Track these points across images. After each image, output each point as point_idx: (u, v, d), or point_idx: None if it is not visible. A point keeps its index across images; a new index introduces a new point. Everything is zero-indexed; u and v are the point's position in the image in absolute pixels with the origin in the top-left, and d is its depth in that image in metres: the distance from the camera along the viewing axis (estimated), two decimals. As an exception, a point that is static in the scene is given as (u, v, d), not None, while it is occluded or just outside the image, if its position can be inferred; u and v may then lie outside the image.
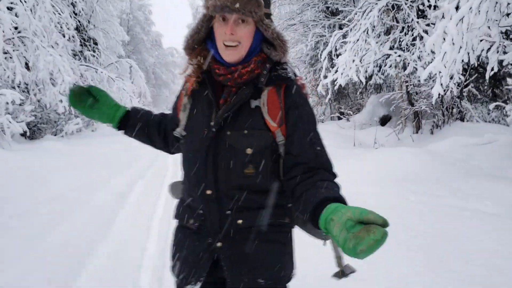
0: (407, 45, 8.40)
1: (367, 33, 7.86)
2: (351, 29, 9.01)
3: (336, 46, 9.49)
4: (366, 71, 8.03)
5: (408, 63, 8.09)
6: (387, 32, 9.01)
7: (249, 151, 1.25)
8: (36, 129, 12.31)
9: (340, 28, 14.75)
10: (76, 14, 15.77)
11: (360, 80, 8.01)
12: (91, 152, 8.93)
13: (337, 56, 11.67)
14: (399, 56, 7.82)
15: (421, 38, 7.83)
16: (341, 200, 1.09)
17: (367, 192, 4.90)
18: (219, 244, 1.31)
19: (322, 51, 14.07)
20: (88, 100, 1.47)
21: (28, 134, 11.93)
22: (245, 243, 1.30)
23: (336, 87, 8.79)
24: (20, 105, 10.67)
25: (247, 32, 1.24)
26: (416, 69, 8.12)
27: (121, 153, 9.35)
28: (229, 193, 1.29)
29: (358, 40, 7.94)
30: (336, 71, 9.08)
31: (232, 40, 1.23)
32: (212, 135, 1.28)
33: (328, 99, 9.88)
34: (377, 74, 11.24)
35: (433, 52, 5.93)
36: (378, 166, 6.21)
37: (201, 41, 1.34)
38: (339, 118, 15.25)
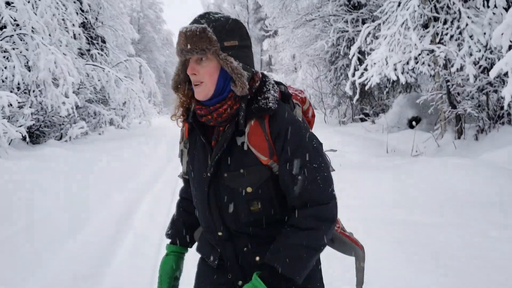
0: (452, 39, 7.34)
1: (406, 25, 6.84)
2: (383, 22, 8.00)
3: (366, 41, 8.46)
4: (404, 69, 6.99)
5: (454, 59, 7.03)
6: (425, 25, 7.95)
7: (249, 189, 1.25)
8: (39, 133, 11.51)
9: (363, 22, 13.70)
10: (82, 11, 14.97)
11: (398, 78, 6.99)
12: (94, 159, 8.04)
13: (363, 53, 10.67)
14: (443, 51, 6.76)
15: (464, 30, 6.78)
16: (265, 267, 1.18)
17: (425, 223, 3.90)
18: (240, 283, 1.31)
19: (344, 47, 13.05)
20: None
21: (29, 139, 11.16)
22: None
23: (367, 86, 7.78)
24: (20, 108, 9.88)
25: (209, 69, 1.24)
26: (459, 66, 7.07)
27: (127, 160, 8.46)
28: (240, 231, 1.29)
29: (395, 33, 6.91)
30: (365, 69, 8.08)
31: (195, 80, 1.26)
32: (210, 179, 1.28)
33: (355, 100, 8.86)
34: (408, 72, 10.16)
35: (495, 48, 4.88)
36: (428, 183, 5.20)
37: (183, 82, 1.35)
38: (362, 120, 14.19)
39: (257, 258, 1.28)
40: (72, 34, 11.56)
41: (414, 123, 11.55)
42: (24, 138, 10.14)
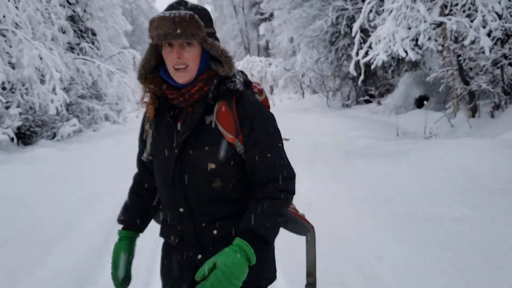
0: (462, 9, 6.76)
1: (414, -4, 6.27)
2: (387, -5, 7.41)
3: (369, 18, 7.89)
4: (415, 43, 6.44)
5: (465, 32, 6.46)
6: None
7: (212, 166, 1.33)
8: (30, 134, 11.04)
9: (363, 0, 13.07)
10: (70, 3, 14.36)
11: (406, 55, 6.44)
12: (87, 159, 7.57)
13: (365, 31, 10.09)
14: (454, 23, 6.19)
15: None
16: (248, 233, 1.26)
17: (453, 217, 3.42)
18: (199, 257, 1.38)
19: (344, 26, 12.45)
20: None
21: (20, 140, 10.69)
22: None
23: (373, 66, 7.25)
24: (6, 108, 9.39)
25: (193, 54, 1.31)
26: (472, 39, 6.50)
27: (122, 157, 7.95)
28: (200, 208, 1.37)
29: (401, 6, 6.35)
30: (370, 47, 7.53)
31: (180, 63, 1.30)
32: (176, 156, 1.35)
33: (360, 81, 8.33)
34: (413, 49, 9.58)
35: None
36: (447, 169, 4.70)
37: (152, 69, 1.40)
38: (367, 102, 13.64)
39: (215, 232, 1.37)
40: (59, 27, 10.99)
41: (425, 102, 10.98)
42: (12, 140, 9.69)
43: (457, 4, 6.66)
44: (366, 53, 7.73)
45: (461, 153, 5.08)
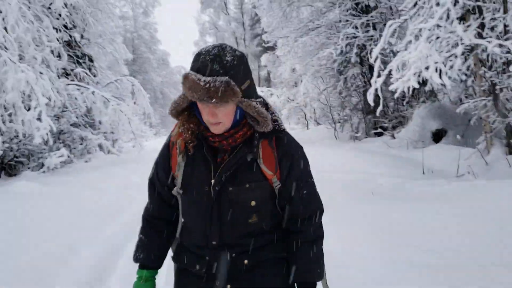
0: (494, 30, 6.00)
1: (447, 16, 5.51)
2: (411, 17, 6.68)
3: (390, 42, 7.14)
4: (450, 68, 5.62)
5: (503, 56, 5.67)
6: (462, 18, 6.62)
7: (253, 203, 1.38)
8: (14, 164, 10.09)
9: (374, 27, 12.46)
10: (67, 28, 13.72)
11: (443, 82, 5.61)
12: (69, 196, 6.59)
13: (373, 56, 9.37)
14: (496, 46, 5.39)
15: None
16: (304, 284, 1.43)
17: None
18: (228, 287, 1.39)
19: (355, 55, 11.77)
20: None
21: (0, 171, 9.75)
22: (255, 280, 1.40)
23: (397, 94, 6.44)
24: (-13, 136, 8.50)
25: (227, 112, 1.31)
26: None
27: (111, 194, 7.00)
28: (234, 241, 1.39)
29: (434, 27, 5.57)
30: (390, 74, 6.74)
31: (214, 121, 1.31)
32: (216, 193, 1.37)
33: (378, 111, 7.51)
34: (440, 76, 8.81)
35: None
36: (497, 220, 3.76)
37: (184, 109, 1.41)
38: (377, 134, 12.80)
39: (246, 262, 1.41)
40: (51, 51, 10.24)
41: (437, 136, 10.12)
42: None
43: (494, 27, 5.91)
44: (386, 80, 6.95)
45: (509, 199, 4.17)
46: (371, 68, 13.48)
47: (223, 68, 1.23)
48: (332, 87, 13.82)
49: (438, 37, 5.62)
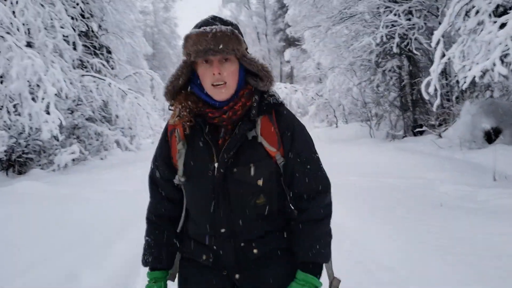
0: None
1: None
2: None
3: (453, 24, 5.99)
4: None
5: None
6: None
7: (260, 182, 1.31)
8: (24, 161, 9.31)
9: (411, 14, 11.23)
10: (84, 17, 12.92)
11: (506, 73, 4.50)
12: (77, 201, 5.68)
13: (434, 39, 8.24)
14: None
15: None
16: (308, 264, 1.32)
17: None
18: (237, 276, 1.33)
19: (395, 44, 10.58)
20: None
21: (8, 168, 8.97)
22: (263, 270, 1.34)
23: (465, 85, 5.32)
24: (-8, 130, 7.70)
25: (233, 70, 1.29)
26: None
27: (125, 201, 6.04)
28: (242, 227, 1.32)
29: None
30: (449, 60, 5.62)
31: (219, 80, 1.27)
32: (222, 175, 1.29)
33: (435, 106, 6.38)
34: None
35: None
36: None
37: (181, 87, 1.36)
38: (416, 134, 11.60)
39: (255, 251, 1.34)
40: (63, 38, 9.41)
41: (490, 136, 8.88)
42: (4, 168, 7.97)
43: None
44: (443, 71, 5.83)
45: None
46: (410, 59, 12.29)
47: (224, 23, 1.26)
48: (368, 81, 12.63)
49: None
